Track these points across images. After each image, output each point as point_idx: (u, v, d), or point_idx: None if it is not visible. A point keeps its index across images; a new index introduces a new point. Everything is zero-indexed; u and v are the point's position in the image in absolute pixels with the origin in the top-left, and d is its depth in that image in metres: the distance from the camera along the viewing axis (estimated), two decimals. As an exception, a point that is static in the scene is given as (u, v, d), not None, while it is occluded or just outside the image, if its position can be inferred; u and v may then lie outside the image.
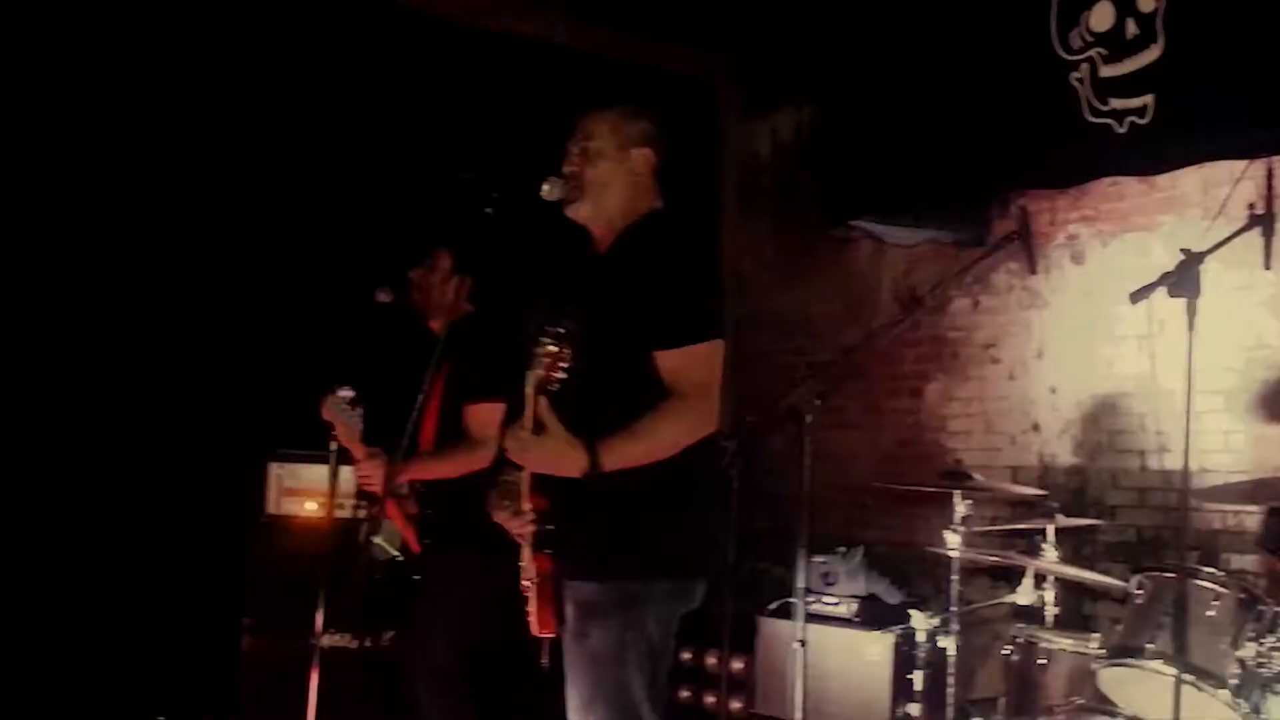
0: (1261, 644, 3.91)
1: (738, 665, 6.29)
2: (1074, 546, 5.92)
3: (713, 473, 3.69)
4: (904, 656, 5.35)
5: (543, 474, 3.43)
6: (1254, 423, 5.62)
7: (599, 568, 3.45)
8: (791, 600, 5.41)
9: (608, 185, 3.63)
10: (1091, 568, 5.36)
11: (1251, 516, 5.24)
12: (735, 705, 6.27)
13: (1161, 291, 3.80)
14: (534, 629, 3.51)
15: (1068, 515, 5.22)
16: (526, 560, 3.51)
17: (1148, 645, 4.02)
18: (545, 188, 3.61)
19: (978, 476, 5.07)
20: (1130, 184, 5.94)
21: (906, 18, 6.16)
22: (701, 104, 7.84)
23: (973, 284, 6.59)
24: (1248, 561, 5.36)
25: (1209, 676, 3.90)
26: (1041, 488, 6.10)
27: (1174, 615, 3.83)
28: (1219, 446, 5.70)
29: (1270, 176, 4.71)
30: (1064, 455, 6.28)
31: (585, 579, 3.46)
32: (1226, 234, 4.04)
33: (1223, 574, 4.13)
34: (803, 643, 4.52)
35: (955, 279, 5.77)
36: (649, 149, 3.70)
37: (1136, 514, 5.95)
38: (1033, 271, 6.41)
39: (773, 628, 6.15)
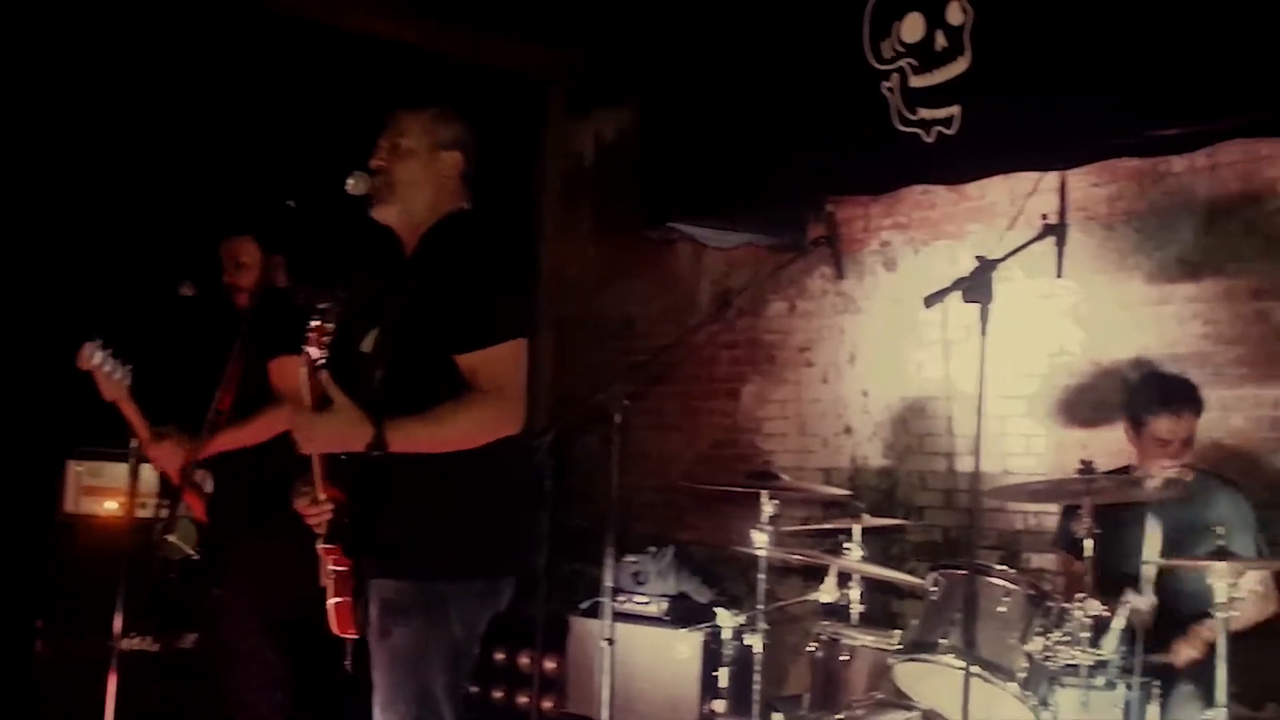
0: (1048, 638, 4.05)
1: (551, 665, 6.31)
2: (883, 546, 6.07)
3: (521, 472, 3.68)
4: (712, 654, 5.42)
5: (339, 466, 3.38)
6: (1054, 427, 5.82)
7: (403, 566, 3.42)
8: (602, 600, 5.46)
9: (415, 184, 3.60)
10: (900, 567, 5.50)
11: (1051, 517, 5.41)
12: (547, 704, 6.29)
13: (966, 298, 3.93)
14: (333, 628, 3.47)
15: (877, 515, 5.35)
16: (322, 554, 3.47)
17: (941, 640, 4.12)
18: (351, 181, 3.56)
19: (784, 477, 5.15)
20: (941, 193, 6.11)
21: (725, 24, 6.25)
22: (527, 103, 7.83)
23: (789, 288, 6.70)
24: (1049, 560, 5.54)
25: (998, 670, 4.02)
26: (853, 489, 6.24)
27: (966, 611, 3.94)
28: (1021, 450, 5.89)
29: (1063, 188, 4.88)
30: (874, 457, 6.43)
31: (389, 577, 3.43)
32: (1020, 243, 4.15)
33: (1013, 571, 4.26)
34: (610, 641, 4.54)
35: (762, 282, 5.86)
36: (459, 152, 3.68)
37: (943, 514, 6.13)
38: (840, 277, 6.55)
39: (583, 627, 6.17)
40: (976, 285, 3.54)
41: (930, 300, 3.65)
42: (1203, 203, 5.43)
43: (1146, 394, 4.87)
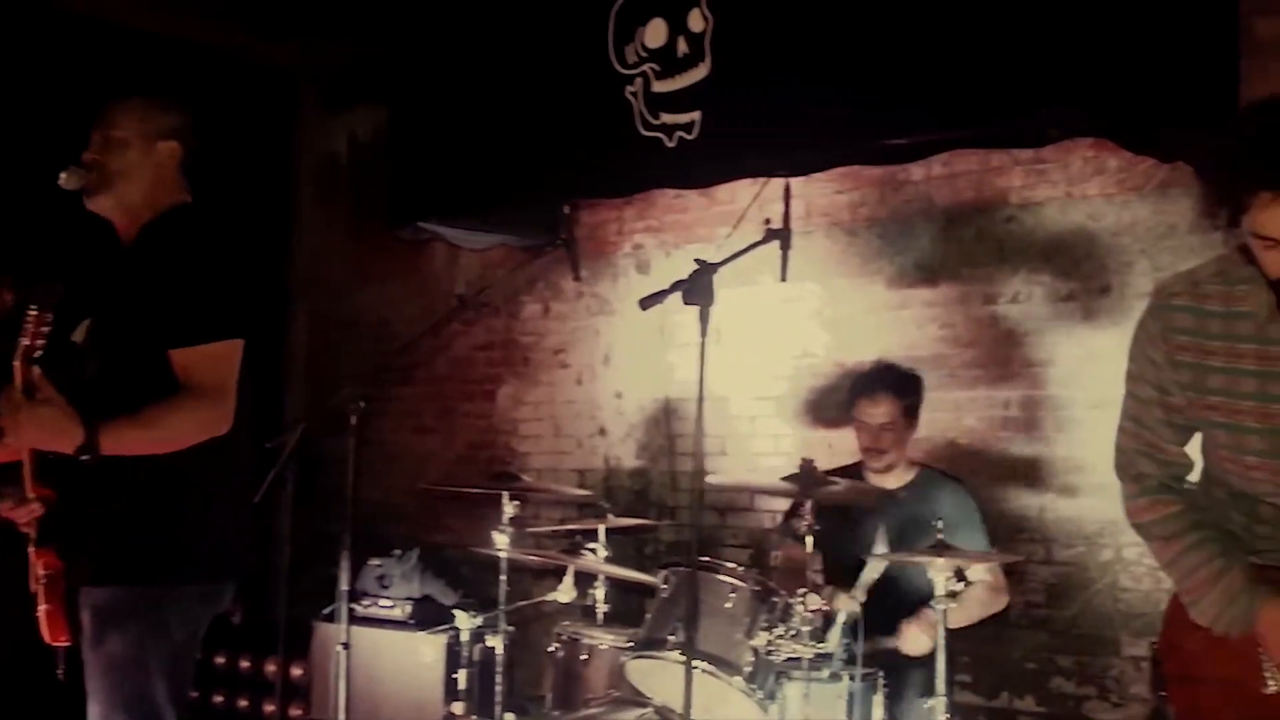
0: (772, 633, 4.14)
1: (298, 671, 6.21)
2: (637, 546, 6.13)
3: (238, 473, 3.62)
4: (456, 657, 5.39)
5: (50, 464, 3.28)
6: (801, 427, 5.96)
7: (116, 572, 3.34)
8: (341, 604, 5.40)
9: (129, 175, 3.52)
10: (653, 566, 5.55)
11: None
12: (296, 712, 6.19)
13: (730, 300, 3.97)
14: (45, 636, 3.35)
15: (631, 516, 5.40)
16: (32, 558, 3.35)
17: (669, 637, 4.17)
18: (63, 176, 3.47)
19: (525, 478, 5.16)
20: (692, 197, 6.20)
21: (474, 24, 6.24)
22: (280, 97, 7.68)
23: (544, 290, 6.73)
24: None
25: (724, 664, 4.08)
26: (607, 489, 6.31)
27: (691, 608, 3.99)
28: (770, 449, 6.02)
29: (788, 194, 5.01)
30: (628, 458, 6.49)
31: (101, 582, 3.35)
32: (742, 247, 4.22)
33: (740, 568, 4.32)
34: (345, 646, 4.50)
35: (499, 284, 5.88)
36: (175, 142, 3.60)
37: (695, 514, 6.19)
38: (577, 278, 6.61)
39: (326, 632, 6.06)
40: (696, 288, 3.58)
41: (646, 303, 3.68)
42: (940, 210, 5.64)
43: (854, 383, 5.06)
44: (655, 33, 5.44)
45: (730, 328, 6.12)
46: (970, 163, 5.52)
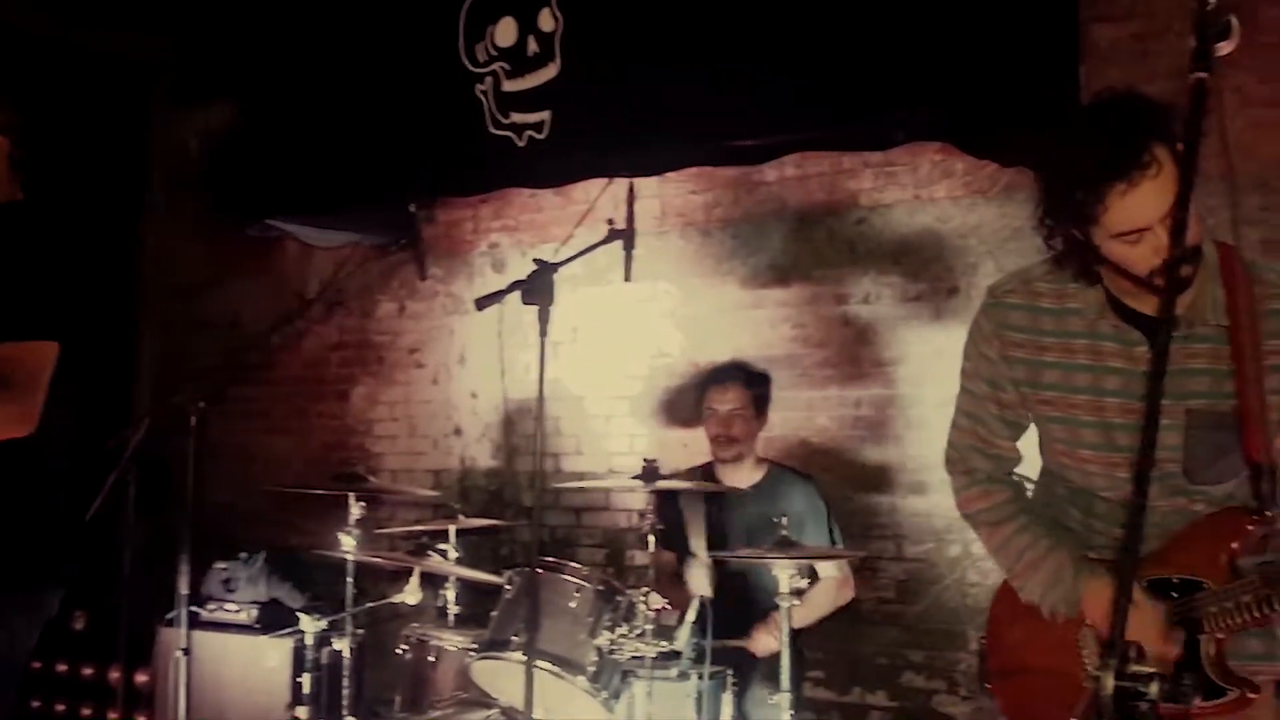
0: (615, 632, 4.15)
1: (142, 678, 6.08)
2: (492, 547, 6.10)
3: (49, 479, 3.52)
4: (302, 661, 5.31)
5: None
6: (656, 426, 5.97)
7: None
8: (193, 609, 5.30)
9: None
10: (506, 566, 5.53)
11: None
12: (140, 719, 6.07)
13: (585, 300, 3.99)
14: None
15: (486, 516, 5.37)
16: None
17: (513, 638, 4.15)
18: None
19: (373, 479, 5.10)
20: (547, 196, 6.19)
21: (326, 20, 6.16)
22: (131, 92, 7.51)
23: (399, 289, 6.67)
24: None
25: (568, 664, 4.08)
26: (462, 490, 6.27)
27: (534, 608, 3.99)
28: (625, 449, 6.03)
29: (631, 194, 5.02)
30: (484, 458, 6.46)
31: None
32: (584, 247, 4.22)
33: (585, 568, 4.32)
34: (186, 652, 4.42)
35: (351, 281, 5.82)
36: (4, 138, 3.52)
37: (550, 514, 6.19)
38: (422, 278, 6.57)
39: (169, 637, 5.90)
40: (535, 288, 3.57)
41: (483, 302, 3.66)
42: (792, 211, 5.68)
43: (705, 375, 5.11)
44: (506, 31, 5.43)
45: (586, 327, 6.14)
46: (822, 165, 5.58)
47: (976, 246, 5.21)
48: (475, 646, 4.35)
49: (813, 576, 4.76)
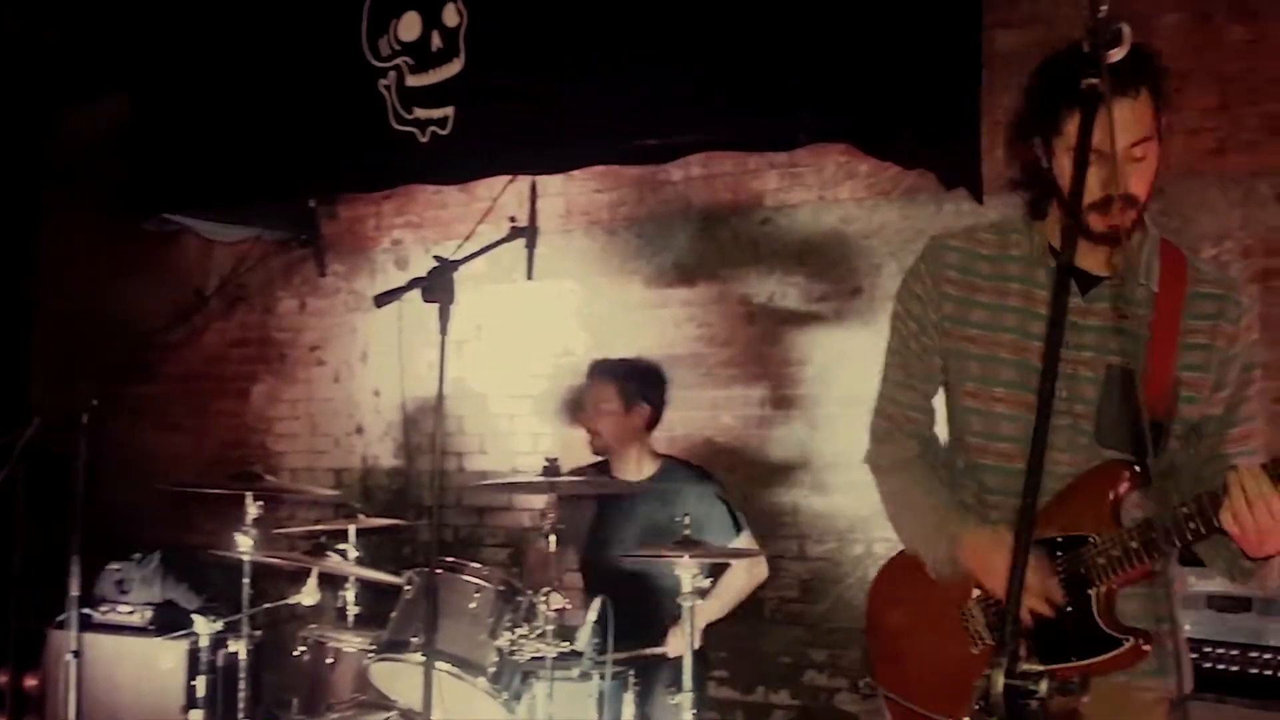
0: (515, 632, 4.12)
1: (32, 682, 5.96)
2: (394, 546, 6.04)
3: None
4: (198, 663, 5.24)
5: None
6: (561, 425, 5.95)
7: None
8: (85, 611, 5.21)
9: None
10: (409, 566, 5.48)
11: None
12: (32, 725, 5.95)
13: (489, 298, 3.93)
14: None
15: (389, 515, 5.30)
16: None
17: (412, 639, 4.11)
18: None
19: (270, 478, 5.03)
20: (452, 193, 6.14)
21: (225, 11, 6.06)
22: (27, 85, 7.35)
23: (300, 285, 6.60)
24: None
25: (468, 666, 4.05)
26: (364, 489, 6.22)
27: (434, 609, 3.95)
28: (529, 448, 6.00)
29: (533, 192, 5.00)
30: (386, 457, 6.41)
31: None
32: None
33: (485, 568, 4.30)
34: (76, 654, 4.34)
35: (249, 277, 5.75)
36: None
37: (453, 514, 6.15)
38: (322, 274, 6.51)
39: (59, 640, 5.78)
40: (435, 285, 3.53)
41: (381, 300, 3.62)
42: (698, 211, 5.70)
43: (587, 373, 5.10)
44: (409, 26, 5.38)
45: (490, 326, 6.10)
46: (727, 165, 5.59)
47: (880, 248, 5.25)
48: (374, 648, 4.30)
49: (712, 577, 4.71)
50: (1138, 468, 2.53)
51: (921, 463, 2.84)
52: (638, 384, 4.92)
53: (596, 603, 4.29)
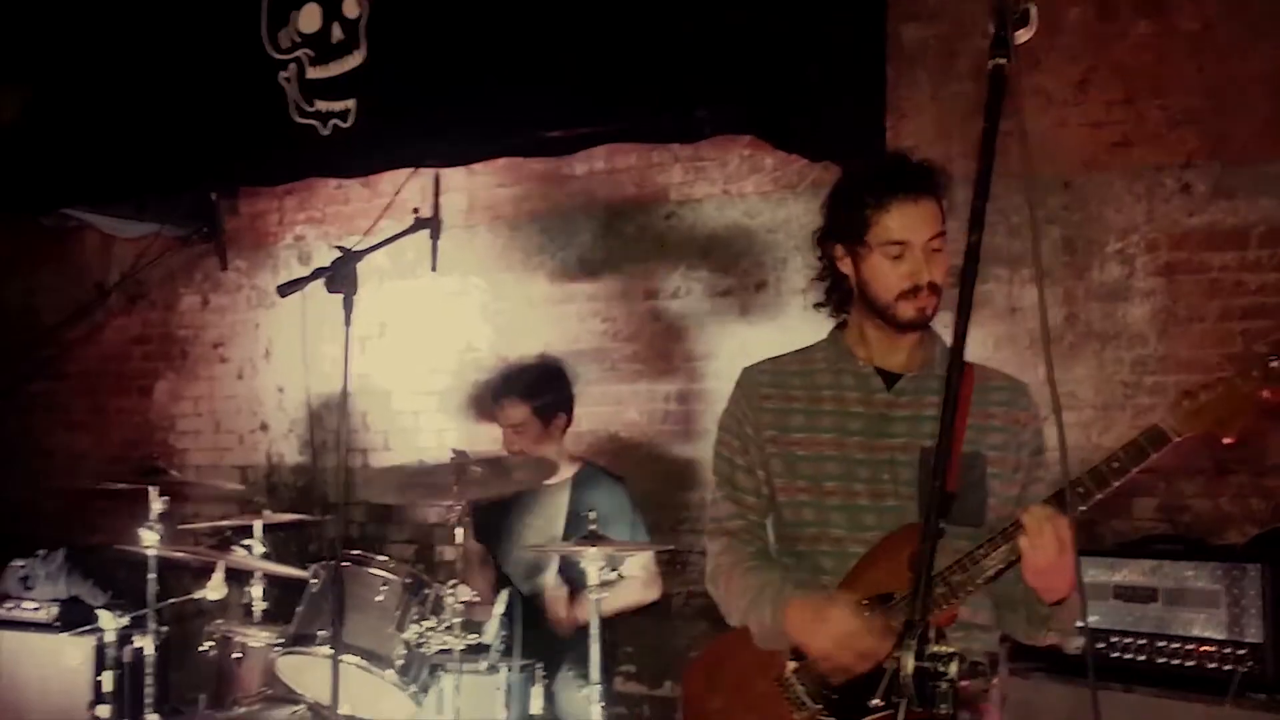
0: (422, 625, 4.13)
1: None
2: (301, 542, 6.01)
3: None
4: (104, 659, 5.18)
5: None
6: (466, 421, 5.94)
7: None
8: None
9: None
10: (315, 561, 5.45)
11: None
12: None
13: (393, 294, 3.88)
14: None
15: (295, 511, 5.28)
16: None
17: (319, 632, 4.11)
18: None
19: (174, 473, 5.00)
20: (354, 188, 6.12)
21: (123, 5, 5.97)
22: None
23: (202, 282, 6.55)
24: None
25: (375, 658, 4.05)
26: (269, 485, 6.18)
27: (339, 602, 3.96)
28: (434, 444, 5.98)
29: (437, 183, 4.99)
30: (291, 454, 6.37)
31: None
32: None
33: (391, 561, 4.29)
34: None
35: (150, 273, 5.70)
36: None
37: (359, 510, 6.12)
38: (224, 268, 6.47)
39: (-36, 638, 5.78)
40: (339, 276, 3.53)
41: (284, 289, 3.61)
42: (602, 205, 5.71)
43: (490, 388, 5.10)
44: (309, 18, 5.33)
45: (394, 322, 6.08)
46: (631, 159, 5.62)
47: (785, 241, 5.30)
48: (281, 641, 4.28)
49: (615, 572, 4.73)
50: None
51: (751, 557, 2.92)
52: (551, 397, 4.93)
53: (504, 595, 4.31)
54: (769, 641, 2.78)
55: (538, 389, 4.91)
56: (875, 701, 2.48)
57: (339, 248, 3.54)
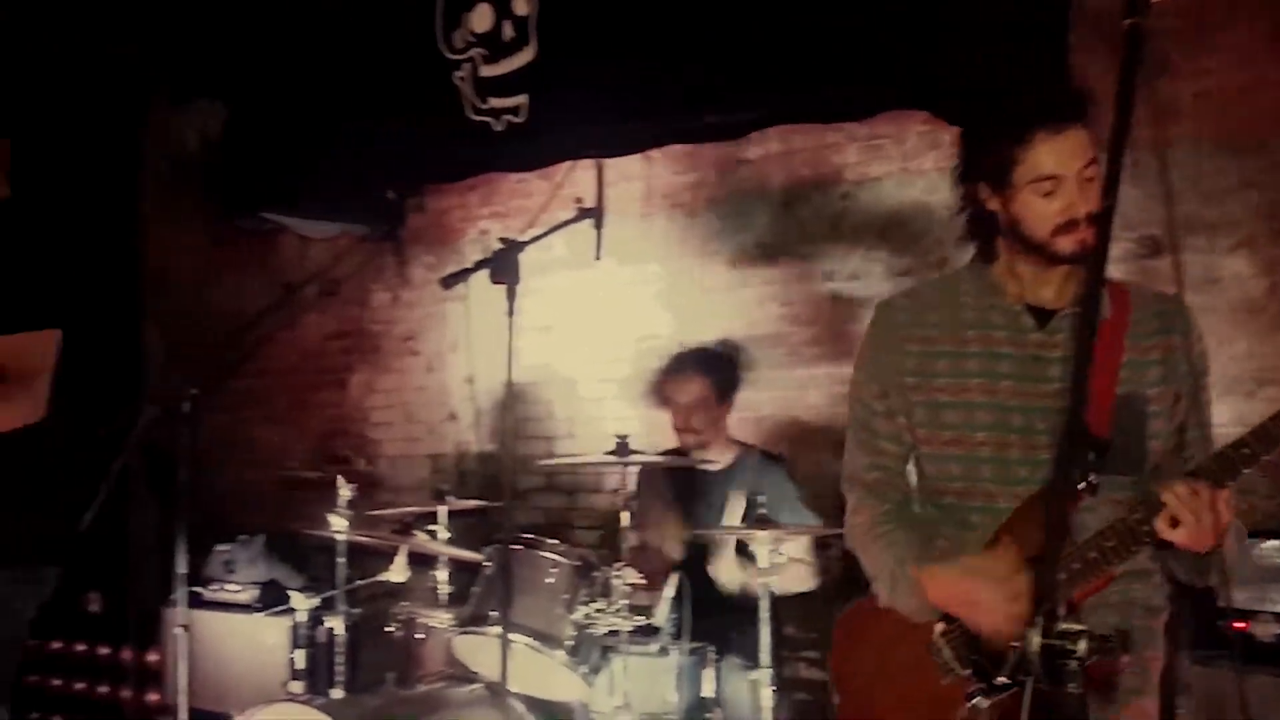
0: (592, 607, 4.20)
1: (154, 657, 6.23)
2: (486, 528, 6.14)
3: (47, 462, 3.66)
4: (298, 638, 5.41)
5: None
6: (646, 408, 6.00)
7: None
8: (196, 590, 5.43)
9: None
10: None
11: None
12: (153, 697, 6.19)
13: (573, 283, 3.93)
14: None
15: (484, 499, 5.41)
16: None
17: (491, 613, 4.22)
18: None
19: (361, 463, 5.18)
20: (534, 182, 6.22)
21: (305, 14, 6.23)
22: (128, 93, 7.59)
23: (392, 277, 6.75)
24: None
25: (545, 639, 4.15)
26: (458, 474, 6.33)
27: (510, 583, 4.06)
28: (614, 432, 6.03)
29: (600, 172, 5.05)
30: (479, 443, 6.51)
31: None
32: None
33: (563, 545, 4.38)
34: (185, 628, 4.56)
35: (333, 271, 5.89)
36: None
37: (544, 496, 6.24)
38: (402, 265, 6.73)
39: (174, 617, 6.02)
40: (502, 266, 3.63)
41: (448, 281, 3.73)
42: (778, 189, 5.69)
43: (662, 366, 5.12)
44: (481, 18, 5.48)
45: (576, 311, 6.17)
46: (806, 140, 5.57)
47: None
48: (457, 622, 4.41)
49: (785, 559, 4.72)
50: (1082, 485, 2.48)
51: (885, 517, 2.84)
52: (729, 376, 4.99)
53: (674, 579, 4.37)
54: (914, 615, 2.72)
55: (716, 366, 4.97)
56: (1001, 679, 2.49)
57: (502, 239, 3.63)
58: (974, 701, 2.04)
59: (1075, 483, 2.12)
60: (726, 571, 4.74)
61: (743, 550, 4.64)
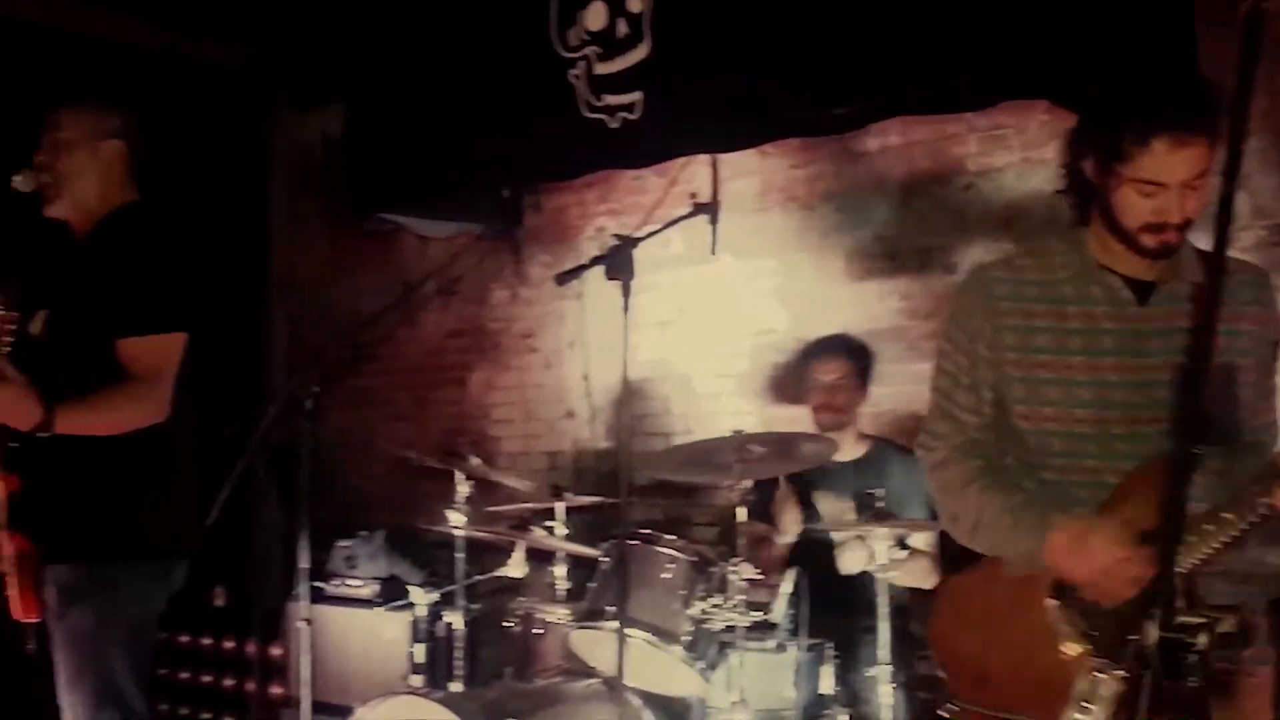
0: (709, 602, 4.19)
1: (278, 651, 6.33)
2: (604, 525, 6.15)
3: (178, 459, 3.75)
4: (418, 633, 5.48)
5: (12, 451, 3.52)
6: (764, 404, 5.97)
7: (74, 549, 3.56)
8: (318, 584, 5.51)
9: (79, 175, 3.74)
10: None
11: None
12: (277, 690, 6.31)
13: (690, 279, 3.92)
14: (15, 613, 3.58)
15: (602, 495, 5.43)
16: (3, 539, 3.56)
17: (608, 608, 4.23)
18: (18, 179, 3.71)
19: (475, 459, 5.22)
20: (650, 178, 6.22)
21: (420, 18, 6.31)
22: (251, 98, 7.74)
23: (510, 275, 6.80)
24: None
25: (663, 634, 4.15)
26: (576, 471, 6.35)
27: (626, 579, 4.07)
28: (734, 427, 6.02)
29: (715, 168, 5.03)
30: (596, 439, 6.53)
31: (60, 561, 3.58)
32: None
33: (680, 540, 4.37)
34: (307, 622, 4.64)
35: (452, 270, 5.95)
36: (120, 141, 3.83)
37: (661, 493, 6.23)
38: (517, 263, 6.75)
39: (297, 612, 6.14)
40: (617, 262, 3.63)
41: (563, 278, 3.75)
42: (896, 181, 5.62)
43: (806, 349, 5.11)
44: (595, 15, 5.51)
45: (692, 306, 6.16)
46: (924, 132, 5.50)
47: (1089, 207, 5.09)
48: (574, 617, 4.43)
49: (904, 549, 4.68)
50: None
51: (982, 472, 2.80)
52: (869, 364, 5.00)
53: (791, 574, 4.34)
54: (1022, 566, 2.67)
55: (858, 351, 4.98)
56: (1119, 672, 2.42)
57: (616, 235, 3.64)
58: (1097, 675, 1.99)
59: (1193, 460, 2.06)
60: (851, 565, 4.71)
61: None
